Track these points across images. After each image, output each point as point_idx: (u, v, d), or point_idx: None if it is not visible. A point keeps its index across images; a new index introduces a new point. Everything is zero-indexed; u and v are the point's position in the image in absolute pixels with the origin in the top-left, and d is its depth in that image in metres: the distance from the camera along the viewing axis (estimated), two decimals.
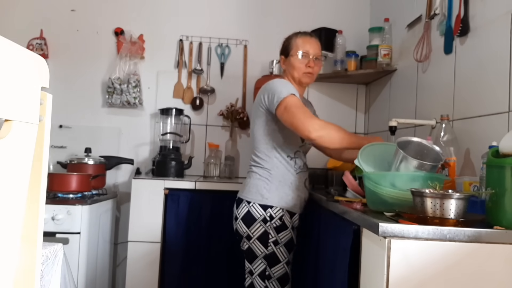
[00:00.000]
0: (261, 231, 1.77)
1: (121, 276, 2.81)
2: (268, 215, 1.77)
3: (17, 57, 0.71)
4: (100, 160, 2.66)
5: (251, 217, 1.78)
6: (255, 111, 1.87)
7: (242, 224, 1.80)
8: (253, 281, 1.80)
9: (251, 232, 1.78)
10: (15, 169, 0.73)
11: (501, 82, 1.55)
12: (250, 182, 1.84)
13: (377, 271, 1.12)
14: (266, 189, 1.80)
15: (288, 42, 1.94)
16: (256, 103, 1.87)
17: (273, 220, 1.77)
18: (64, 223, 2.17)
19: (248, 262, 1.82)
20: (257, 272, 1.79)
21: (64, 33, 2.93)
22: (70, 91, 2.91)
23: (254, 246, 1.78)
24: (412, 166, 1.39)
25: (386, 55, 2.49)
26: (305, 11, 3.04)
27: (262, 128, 1.83)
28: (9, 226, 0.73)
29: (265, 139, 1.83)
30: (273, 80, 1.84)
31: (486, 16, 1.68)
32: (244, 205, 1.80)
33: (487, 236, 1.08)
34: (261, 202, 1.78)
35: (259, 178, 1.82)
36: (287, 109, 1.69)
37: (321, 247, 1.71)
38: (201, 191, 2.46)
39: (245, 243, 1.81)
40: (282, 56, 1.96)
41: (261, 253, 1.78)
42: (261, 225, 1.77)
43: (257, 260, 1.79)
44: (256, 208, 1.78)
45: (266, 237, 1.77)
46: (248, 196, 1.81)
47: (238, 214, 1.82)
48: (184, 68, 2.99)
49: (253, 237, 1.78)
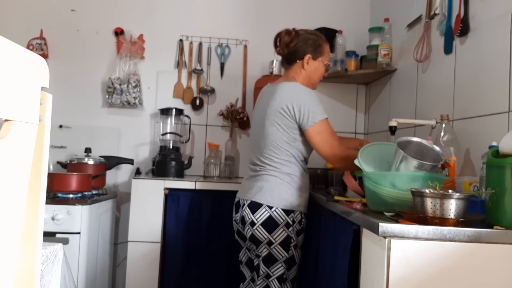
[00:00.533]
0: (284, 236, 1.73)
1: (121, 276, 2.81)
2: (290, 220, 1.74)
3: (17, 57, 0.71)
4: (100, 160, 2.66)
5: (274, 222, 1.72)
6: (273, 115, 1.77)
7: (262, 230, 1.73)
8: (269, 284, 1.75)
9: (273, 237, 1.72)
10: (15, 169, 0.73)
11: (501, 82, 1.55)
12: (269, 186, 1.76)
13: (377, 271, 1.12)
14: (288, 193, 1.75)
15: (321, 45, 1.88)
16: (275, 107, 1.77)
17: (295, 224, 1.75)
18: (64, 223, 2.17)
19: (265, 266, 1.76)
20: (276, 275, 1.75)
21: (64, 33, 2.93)
22: (70, 91, 2.90)
23: (275, 251, 1.74)
24: (412, 166, 1.39)
25: (386, 55, 2.49)
26: (305, 11, 3.04)
27: (285, 135, 1.76)
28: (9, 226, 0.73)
29: (286, 146, 1.78)
30: (304, 91, 1.78)
31: (486, 16, 1.67)
32: (264, 210, 1.73)
33: (487, 236, 1.08)
34: (284, 207, 1.73)
35: (281, 182, 1.76)
36: (320, 136, 1.73)
37: (321, 247, 1.71)
38: (201, 191, 2.46)
39: (265, 248, 1.74)
40: (309, 55, 1.85)
41: (281, 258, 1.74)
42: (284, 230, 1.73)
43: (276, 264, 1.75)
44: (279, 213, 1.73)
45: (288, 242, 1.74)
46: (269, 200, 1.74)
47: (255, 219, 1.74)
48: (184, 68, 2.99)
49: (275, 243, 1.73)
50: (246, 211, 1.77)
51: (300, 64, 1.87)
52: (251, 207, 1.76)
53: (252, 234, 1.76)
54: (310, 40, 1.87)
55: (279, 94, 1.78)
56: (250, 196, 1.78)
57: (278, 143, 1.77)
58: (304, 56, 1.86)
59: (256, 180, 1.81)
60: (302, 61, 1.86)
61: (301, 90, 1.78)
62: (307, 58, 1.86)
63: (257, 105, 1.96)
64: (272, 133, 1.78)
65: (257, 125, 1.88)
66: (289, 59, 1.90)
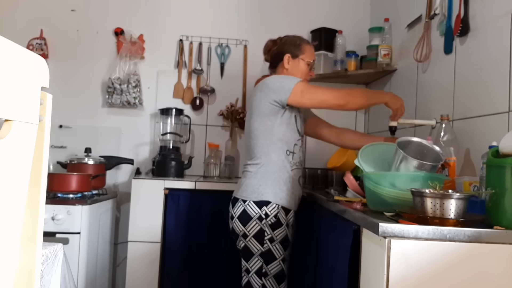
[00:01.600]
0: (257, 229, 1.77)
1: (121, 276, 2.81)
2: (263, 213, 1.77)
3: (17, 57, 0.71)
4: (100, 160, 2.66)
5: (247, 216, 1.78)
6: (251, 110, 1.86)
7: (238, 223, 1.80)
8: (249, 279, 1.81)
9: (247, 230, 1.78)
10: (15, 169, 0.73)
11: (501, 82, 1.55)
12: (245, 181, 1.84)
13: (377, 271, 1.12)
14: (261, 186, 1.79)
15: (300, 44, 1.95)
16: (254, 100, 1.85)
17: (268, 217, 1.77)
18: (64, 223, 2.17)
19: (244, 260, 1.83)
20: (254, 270, 1.79)
21: (64, 33, 2.93)
22: (70, 91, 2.91)
23: (250, 244, 1.79)
24: (412, 166, 1.39)
25: (386, 55, 2.49)
26: (305, 11, 3.05)
27: (262, 124, 1.81)
28: (9, 226, 0.73)
29: (264, 134, 1.82)
30: (273, 76, 1.89)
31: (486, 16, 1.67)
32: (239, 204, 1.81)
33: (487, 236, 1.08)
34: (256, 199, 1.78)
35: (254, 176, 1.82)
36: (305, 92, 1.77)
37: (321, 247, 1.71)
38: (201, 191, 2.46)
39: (241, 241, 1.81)
40: (288, 54, 1.93)
41: (257, 251, 1.78)
42: (257, 223, 1.77)
43: (253, 258, 1.79)
44: (252, 206, 1.79)
45: (262, 235, 1.77)
46: (243, 194, 1.81)
47: (233, 213, 1.83)
48: (184, 68, 2.99)
49: (249, 235, 1.78)
50: (230, 206, 1.88)
51: (282, 65, 1.95)
52: (232, 202, 1.87)
53: (232, 228, 1.86)
54: (288, 41, 1.97)
55: (254, 91, 1.89)
56: (234, 192, 1.89)
57: (258, 134, 1.83)
58: (283, 56, 1.94)
59: (241, 178, 1.91)
60: (283, 61, 1.94)
61: (271, 77, 1.88)
62: (287, 57, 1.93)
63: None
64: (254, 127, 1.84)
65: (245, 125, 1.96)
66: (272, 64, 2.01)
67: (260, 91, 1.84)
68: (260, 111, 1.82)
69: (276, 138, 1.82)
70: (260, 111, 1.82)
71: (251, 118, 1.86)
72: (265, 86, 1.83)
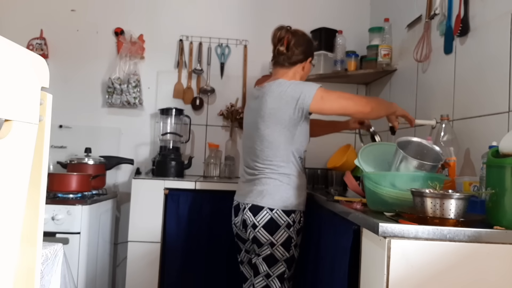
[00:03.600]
0: (285, 237, 1.75)
1: (121, 276, 2.81)
2: (291, 220, 1.76)
3: (17, 57, 0.71)
4: (100, 160, 2.66)
5: (275, 224, 1.74)
6: (269, 116, 1.77)
7: (264, 232, 1.74)
8: (268, 283, 1.77)
9: (275, 239, 1.74)
10: (15, 169, 0.73)
11: (501, 82, 1.55)
12: (269, 189, 1.77)
13: (377, 271, 1.12)
14: (288, 194, 1.77)
15: (313, 47, 1.95)
16: (270, 108, 1.76)
17: (295, 224, 1.77)
18: (64, 223, 2.17)
19: (267, 266, 1.77)
20: (276, 274, 1.76)
21: (64, 33, 2.93)
22: (70, 91, 2.90)
23: (277, 252, 1.75)
24: (412, 166, 1.39)
25: (386, 55, 2.49)
26: (305, 11, 3.04)
27: (283, 135, 1.77)
28: (9, 226, 0.73)
29: (285, 146, 1.78)
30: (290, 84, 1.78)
31: (486, 16, 1.68)
32: (265, 213, 1.74)
33: (487, 236, 1.08)
34: (285, 208, 1.75)
35: (280, 184, 1.77)
36: (325, 98, 1.73)
37: (321, 247, 1.71)
38: (201, 191, 2.46)
39: (267, 249, 1.75)
40: (310, 58, 1.92)
41: (282, 257, 1.76)
42: (285, 230, 1.74)
43: (277, 264, 1.76)
44: (280, 214, 1.74)
45: (289, 242, 1.76)
46: (270, 202, 1.75)
47: (257, 222, 1.75)
48: (184, 68, 2.99)
49: (277, 244, 1.74)
50: (247, 214, 1.78)
51: (301, 66, 1.89)
52: (252, 210, 1.77)
53: (254, 237, 1.77)
54: (310, 42, 1.94)
55: (269, 96, 1.78)
56: (250, 199, 1.79)
57: (276, 144, 1.77)
58: (307, 58, 1.90)
59: (255, 184, 1.81)
60: (304, 63, 1.90)
61: (284, 84, 1.78)
62: (309, 60, 1.92)
63: (247, 108, 1.95)
64: (268, 134, 1.78)
65: (250, 128, 1.87)
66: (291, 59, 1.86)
67: (278, 98, 1.75)
68: (280, 121, 1.75)
69: (295, 148, 1.80)
70: (280, 120, 1.75)
71: (267, 127, 1.77)
72: (284, 94, 1.75)
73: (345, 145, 2.58)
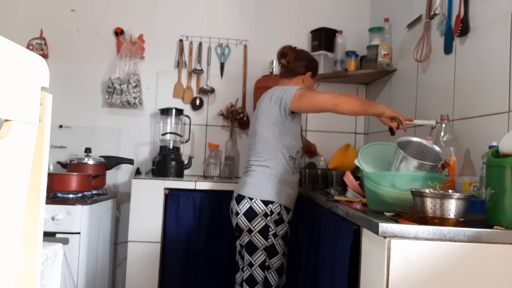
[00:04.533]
0: (262, 225, 1.89)
1: (121, 276, 2.81)
2: (269, 210, 1.89)
3: (17, 57, 0.71)
4: (100, 160, 2.66)
5: (253, 212, 1.89)
6: (261, 114, 1.97)
7: (244, 219, 1.91)
8: (252, 272, 1.91)
9: (253, 225, 1.89)
10: (15, 169, 0.73)
11: (501, 82, 1.55)
12: (251, 180, 1.94)
13: (377, 271, 1.12)
14: (268, 187, 1.91)
15: (317, 67, 2.17)
16: (263, 107, 1.96)
17: (273, 214, 1.90)
18: (64, 223, 2.16)
19: (248, 254, 1.92)
20: (258, 263, 1.90)
21: (64, 33, 2.93)
22: (70, 91, 2.90)
23: (255, 239, 1.90)
24: (412, 166, 1.39)
25: (386, 55, 2.49)
26: (305, 11, 3.05)
27: (271, 130, 1.94)
28: (9, 226, 0.73)
29: (272, 140, 1.94)
30: (281, 87, 2.01)
31: (486, 16, 1.68)
32: (246, 201, 1.91)
33: (487, 236, 1.08)
34: (263, 198, 1.90)
35: (261, 176, 1.93)
36: (302, 96, 1.89)
37: (321, 247, 1.72)
38: (201, 191, 2.46)
39: (246, 236, 1.91)
40: (311, 73, 2.10)
41: (261, 245, 1.89)
42: (262, 219, 1.89)
43: (257, 252, 1.90)
44: (258, 203, 1.90)
45: (266, 230, 1.89)
46: (250, 192, 1.92)
47: (239, 209, 1.92)
48: (184, 68, 2.99)
49: (254, 230, 1.89)
50: (233, 203, 1.98)
51: (301, 79, 2.08)
52: (237, 199, 1.96)
53: (236, 223, 1.95)
54: (314, 60, 2.16)
55: (266, 97, 1.99)
56: (237, 190, 1.99)
57: (267, 139, 1.95)
58: (307, 72, 2.09)
59: (245, 176, 2.01)
60: (303, 76, 2.09)
61: (282, 87, 2.00)
62: (309, 75, 2.09)
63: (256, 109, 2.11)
64: (257, 130, 1.97)
65: (251, 127, 2.08)
66: (291, 72, 2.09)
67: (269, 98, 1.96)
68: (269, 118, 1.94)
69: (282, 145, 1.95)
70: (269, 118, 1.94)
71: (259, 123, 1.97)
72: (274, 94, 1.95)
73: (345, 145, 2.58)
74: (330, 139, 2.45)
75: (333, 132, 3.02)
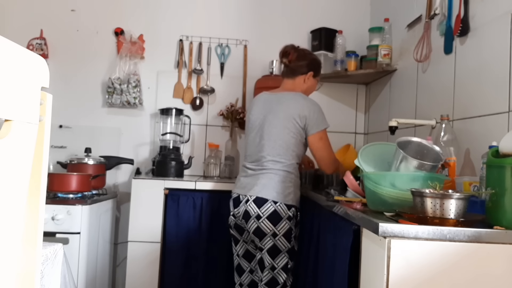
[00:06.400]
0: (287, 228, 1.90)
1: (121, 276, 2.81)
2: (292, 213, 1.92)
3: (17, 57, 0.71)
4: (100, 160, 2.66)
5: (278, 216, 1.88)
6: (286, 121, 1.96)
7: (268, 222, 1.88)
8: (274, 275, 1.90)
9: (278, 229, 1.88)
10: (15, 169, 0.73)
11: (501, 82, 1.55)
12: (273, 184, 1.93)
13: (377, 271, 1.12)
14: (289, 190, 1.94)
15: (320, 67, 2.16)
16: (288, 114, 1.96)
17: (294, 217, 1.93)
18: (64, 223, 2.16)
19: (271, 258, 1.90)
20: (280, 266, 1.90)
21: (64, 33, 2.93)
22: (70, 91, 2.90)
23: (279, 242, 1.89)
24: (412, 166, 1.39)
25: (386, 55, 2.49)
26: (305, 11, 3.05)
27: (294, 138, 1.97)
28: (9, 226, 0.73)
29: (294, 148, 1.97)
30: (314, 103, 2.01)
31: (486, 16, 1.67)
32: (269, 205, 1.89)
33: (487, 236, 1.08)
34: (287, 202, 1.91)
35: (284, 180, 1.94)
36: (323, 142, 1.99)
37: (321, 247, 1.71)
38: (201, 191, 2.46)
39: (270, 240, 1.89)
40: (312, 72, 2.09)
41: (285, 248, 1.90)
42: (287, 222, 1.90)
43: (281, 255, 1.90)
44: (283, 207, 1.90)
45: (290, 233, 1.91)
46: (274, 196, 1.90)
47: (261, 213, 1.88)
48: (184, 68, 2.99)
49: (279, 234, 1.88)
50: (251, 206, 1.91)
51: (302, 78, 2.09)
52: (257, 202, 1.90)
53: (257, 227, 1.89)
54: (314, 60, 2.14)
55: (291, 102, 1.99)
56: (254, 192, 1.92)
57: (288, 145, 1.96)
58: (308, 72, 2.09)
59: (259, 178, 1.95)
60: (305, 75, 2.08)
61: (312, 102, 2.02)
62: (310, 75, 2.09)
63: (256, 110, 2.09)
64: (283, 135, 1.96)
65: (258, 128, 2.03)
66: (293, 71, 2.09)
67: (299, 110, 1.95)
68: (295, 126, 1.97)
69: (297, 153, 2.01)
70: (295, 126, 1.97)
71: (284, 128, 1.96)
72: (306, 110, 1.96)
73: (345, 145, 2.57)
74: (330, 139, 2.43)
75: (333, 132, 3.00)
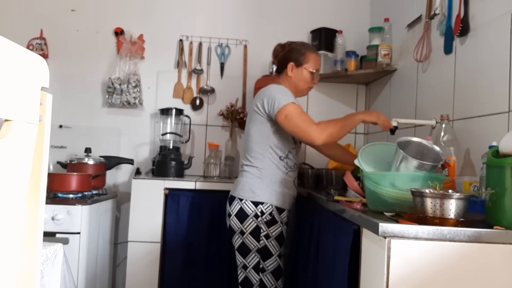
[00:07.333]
0: (253, 226, 1.86)
1: (121, 276, 2.81)
2: (259, 211, 1.87)
3: (17, 57, 0.71)
4: (100, 160, 2.66)
5: (244, 213, 1.87)
6: (251, 113, 1.95)
7: (236, 220, 1.89)
8: (247, 274, 1.88)
9: (244, 227, 1.87)
10: (15, 169, 0.73)
11: (501, 82, 1.55)
12: (242, 181, 1.93)
13: (377, 271, 1.12)
14: (257, 187, 1.89)
15: (304, 53, 1.97)
16: (252, 106, 1.94)
17: (264, 215, 1.87)
18: (64, 223, 2.16)
19: (241, 256, 1.90)
20: (251, 265, 1.87)
21: (64, 33, 2.93)
22: (70, 91, 2.90)
23: (247, 241, 1.87)
24: (412, 166, 1.39)
25: (386, 55, 2.49)
26: (305, 11, 3.04)
27: (258, 130, 1.91)
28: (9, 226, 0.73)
29: (260, 140, 1.91)
30: (272, 86, 1.92)
31: (486, 16, 1.67)
32: (236, 202, 1.90)
33: (487, 236, 1.08)
34: (252, 199, 1.87)
35: (251, 177, 1.91)
36: (288, 118, 1.80)
37: (321, 247, 1.71)
38: (201, 191, 2.46)
39: (239, 238, 1.89)
40: (292, 63, 1.96)
41: (254, 247, 1.87)
42: (253, 220, 1.86)
43: (250, 254, 1.87)
44: (248, 204, 1.88)
45: (258, 232, 1.86)
46: (240, 193, 1.90)
47: (231, 211, 1.91)
48: (184, 68, 2.99)
49: (246, 232, 1.87)
50: (227, 204, 1.96)
51: (286, 72, 1.99)
52: (229, 200, 1.95)
53: (229, 225, 1.93)
54: (294, 49, 1.99)
55: (256, 95, 1.96)
56: (232, 191, 1.97)
57: (254, 138, 1.92)
58: (288, 64, 1.97)
59: (239, 176, 1.99)
60: (287, 69, 1.98)
61: (270, 86, 1.91)
62: (290, 66, 1.97)
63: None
64: (251, 130, 1.93)
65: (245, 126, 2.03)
66: (278, 68, 2.04)
67: (259, 98, 1.91)
68: (258, 118, 1.90)
69: (270, 145, 1.91)
70: (257, 117, 1.90)
71: (249, 122, 1.96)
72: (263, 95, 1.89)
73: (345, 145, 2.57)
74: None
75: None
